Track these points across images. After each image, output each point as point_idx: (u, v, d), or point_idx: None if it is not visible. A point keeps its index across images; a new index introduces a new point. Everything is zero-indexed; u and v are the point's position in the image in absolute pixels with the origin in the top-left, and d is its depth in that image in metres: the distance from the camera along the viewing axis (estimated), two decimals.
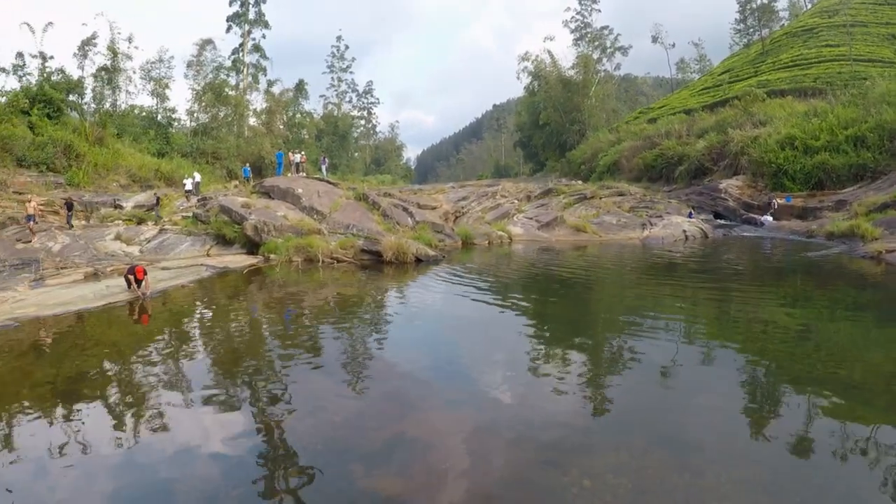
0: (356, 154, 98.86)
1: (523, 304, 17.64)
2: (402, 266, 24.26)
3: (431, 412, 8.41)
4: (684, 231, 35.51)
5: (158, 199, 33.04)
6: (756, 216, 39.88)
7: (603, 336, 13.11)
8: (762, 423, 7.89)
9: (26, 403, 9.23)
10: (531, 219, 39.44)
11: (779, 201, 39.30)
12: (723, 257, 27.27)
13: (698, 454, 7.00)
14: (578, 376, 9.99)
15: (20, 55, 51.55)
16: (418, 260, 24.81)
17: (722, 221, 41.45)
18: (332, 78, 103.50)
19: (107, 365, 11.50)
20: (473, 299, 17.41)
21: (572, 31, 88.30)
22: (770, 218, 38.65)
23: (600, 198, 45.22)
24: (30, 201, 23.24)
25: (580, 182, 54.61)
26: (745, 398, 8.85)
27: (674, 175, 51.77)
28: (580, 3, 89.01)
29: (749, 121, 48.65)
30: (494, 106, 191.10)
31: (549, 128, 78.32)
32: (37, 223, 22.87)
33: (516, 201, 44.09)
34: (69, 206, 29.61)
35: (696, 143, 50.69)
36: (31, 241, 23.86)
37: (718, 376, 9.82)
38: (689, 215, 40.63)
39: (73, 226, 28.96)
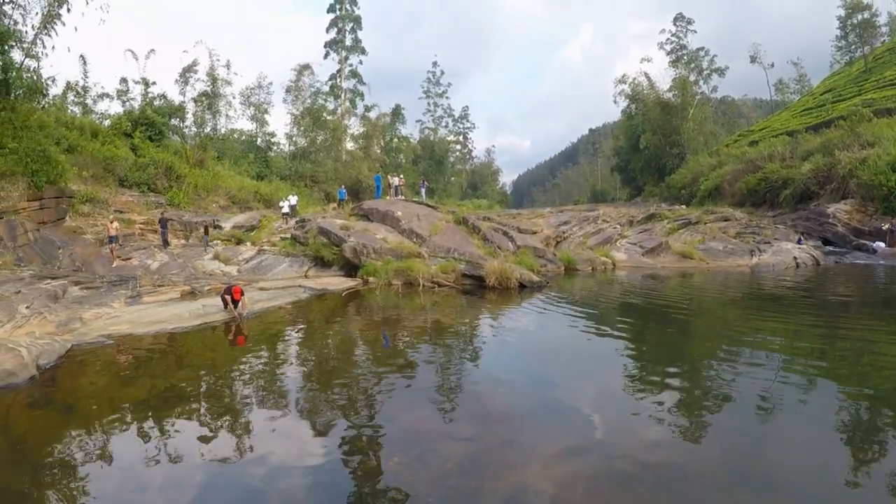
0: (452, 178, 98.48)
1: (633, 333, 16.16)
2: (505, 292, 23.01)
3: (550, 460, 7.52)
4: (795, 258, 32.90)
5: (206, 228, 31.96)
6: (868, 242, 37.00)
7: (708, 367, 12.07)
8: (862, 468, 7.09)
9: (118, 417, 9.34)
10: (635, 244, 37.51)
11: (892, 226, 36.32)
12: (837, 286, 24.91)
13: (787, 496, 6.46)
14: (691, 415, 9.10)
15: (124, 81, 53.08)
16: (522, 286, 23.44)
17: (831, 248, 38.49)
18: (429, 103, 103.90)
19: (200, 383, 11.51)
20: (583, 330, 16.02)
21: (668, 53, 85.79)
22: (883, 244, 35.79)
23: (705, 223, 42.84)
24: (112, 222, 22.98)
25: (683, 207, 52.39)
26: (845, 439, 8.06)
27: (778, 199, 48.74)
28: (675, 24, 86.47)
29: (856, 142, 45.31)
30: (590, 130, 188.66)
31: (647, 151, 75.89)
32: (119, 245, 22.50)
33: (619, 226, 42.22)
34: (163, 223, 29.46)
35: (801, 166, 47.66)
36: (114, 262, 23.47)
37: (819, 414, 8.92)
38: (799, 241, 37.80)
39: (168, 243, 28.57)
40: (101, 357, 13.32)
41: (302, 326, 17.69)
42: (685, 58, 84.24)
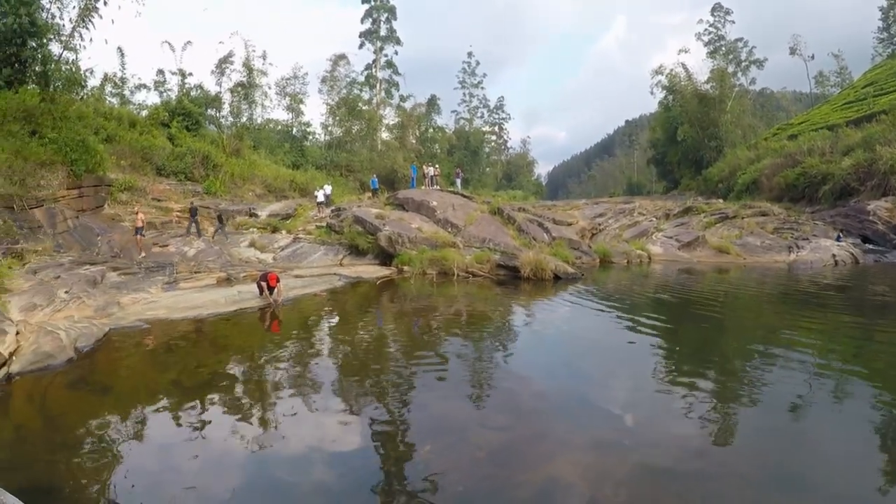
0: (488, 169, 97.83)
1: (667, 328, 15.83)
2: (539, 283, 22.81)
3: (581, 453, 7.43)
4: (833, 255, 32.16)
5: (220, 216, 31.51)
6: None
7: (742, 364, 11.86)
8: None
9: (153, 400, 9.45)
10: (671, 238, 37.01)
11: None
12: (876, 285, 24.24)
13: (821, 498, 6.41)
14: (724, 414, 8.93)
15: (160, 72, 53.97)
16: (556, 277, 23.22)
17: (871, 246, 37.35)
18: (464, 93, 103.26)
19: (234, 368, 11.57)
20: (617, 323, 15.86)
21: (706, 44, 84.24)
22: None
23: (742, 217, 41.97)
24: (137, 213, 23.03)
25: (720, 201, 51.53)
26: (880, 442, 7.83)
27: (817, 195, 47.35)
28: (713, 14, 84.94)
29: None
30: (626, 121, 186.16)
31: (684, 144, 74.52)
32: (144, 236, 22.61)
33: (655, 219, 41.67)
34: (193, 212, 29.49)
35: (841, 162, 46.29)
36: (140, 253, 23.49)
37: (854, 416, 8.65)
38: (838, 238, 36.85)
39: (201, 232, 28.71)
40: (137, 341, 13.46)
41: (336, 314, 17.70)
42: (723, 49, 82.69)
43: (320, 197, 38.75)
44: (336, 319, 16.95)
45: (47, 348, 11.52)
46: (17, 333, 12.20)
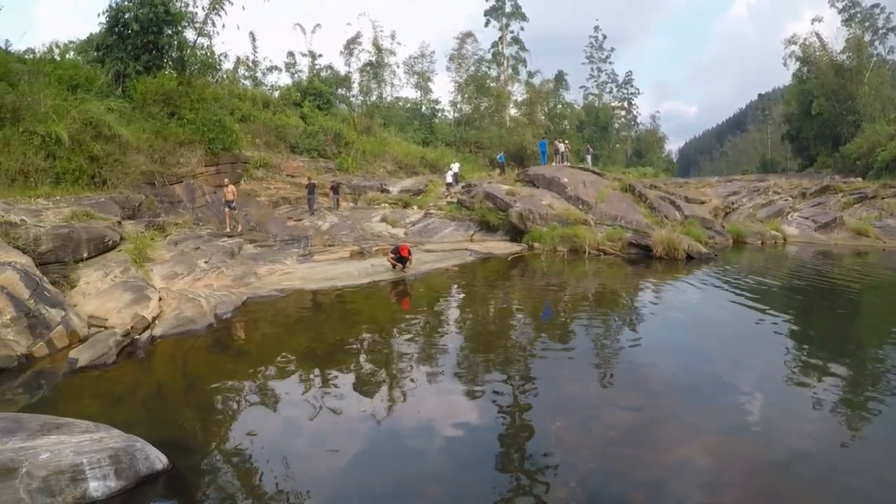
0: (617, 145, 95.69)
1: (800, 313, 14.91)
2: (671, 262, 21.75)
3: (711, 437, 7.23)
4: None
5: (336, 188, 31.29)
6: None
7: (877, 354, 10.96)
8: None
9: (284, 365, 9.83)
10: (807, 218, 34.73)
11: None
12: None
13: None
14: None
15: (291, 54, 54.72)
16: (689, 257, 22.10)
17: None
18: (592, 68, 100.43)
19: (364, 337, 11.84)
20: (749, 307, 14.71)
21: (840, 11, 78.82)
22: None
23: (882, 198, 38.58)
24: (227, 186, 23.25)
25: (859, 179, 48.16)
26: None
27: None
28: None
29: None
30: (759, 96, 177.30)
31: (820, 119, 70.11)
32: (234, 209, 22.79)
33: (790, 198, 39.41)
34: (335, 189, 30.27)
35: None
36: (236, 227, 23.03)
37: None
38: None
39: (339, 207, 29.12)
40: (273, 309, 13.81)
41: (466, 289, 17.57)
42: (858, 16, 77.10)
43: (448, 178, 38.49)
44: (465, 294, 16.87)
45: (189, 314, 11.90)
46: (160, 299, 12.66)
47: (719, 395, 8.63)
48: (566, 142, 45.30)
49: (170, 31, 27.90)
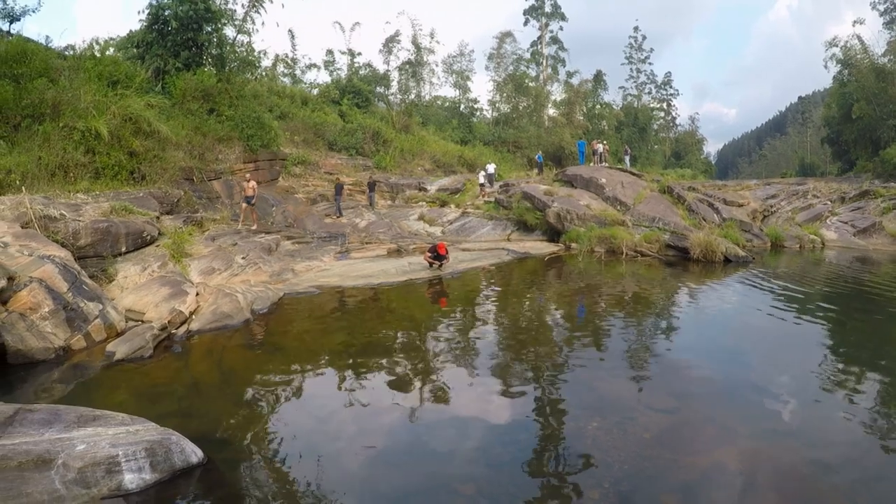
0: (656, 147, 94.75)
1: (837, 319, 14.32)
2: (709, 265, 21.46)
3: (746, 441, 7.13)
4: None
5: (372, 185, 31.27)
6: None
7: None
8: None
9: (319, 361, 9.96)
10: (846, 223, 34.08)
11: None
12: None
13: None
14: None
15: (330, 52, 54.88)
16: (727, 260, 21.80)
17: None
18: (631, 69, 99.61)
19: (400, 334, 11.76)
20: (786, 311, 14.36)
21: (881, 14, 77.13)
22: None
23: None
24: (248, 181, 23.11)
25: None
26: None
27: None
28: None
29: None
30: (799, 98, 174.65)
31: (860, 122, 68.78)
32: (254, 204, 22.62)
33: (829, 202, 38.73)
34: (371, 186, 30.37)
35: None
36: (253, 226, 22.39)
37: None
38: None
39: (375, 205, 29.13)
40: (309, 306, 13.81)
41: (502, 288, 17.45)
42: None
43: (482, 178, 37.90)
44: (501, 293, 16.69)
45: (226, 309, 11.90)
46: (197, 294, 12.68)
47: (755, 398, 8.53)
48: (604, 142, 44.86)
49: (209, 29, 28.20)
